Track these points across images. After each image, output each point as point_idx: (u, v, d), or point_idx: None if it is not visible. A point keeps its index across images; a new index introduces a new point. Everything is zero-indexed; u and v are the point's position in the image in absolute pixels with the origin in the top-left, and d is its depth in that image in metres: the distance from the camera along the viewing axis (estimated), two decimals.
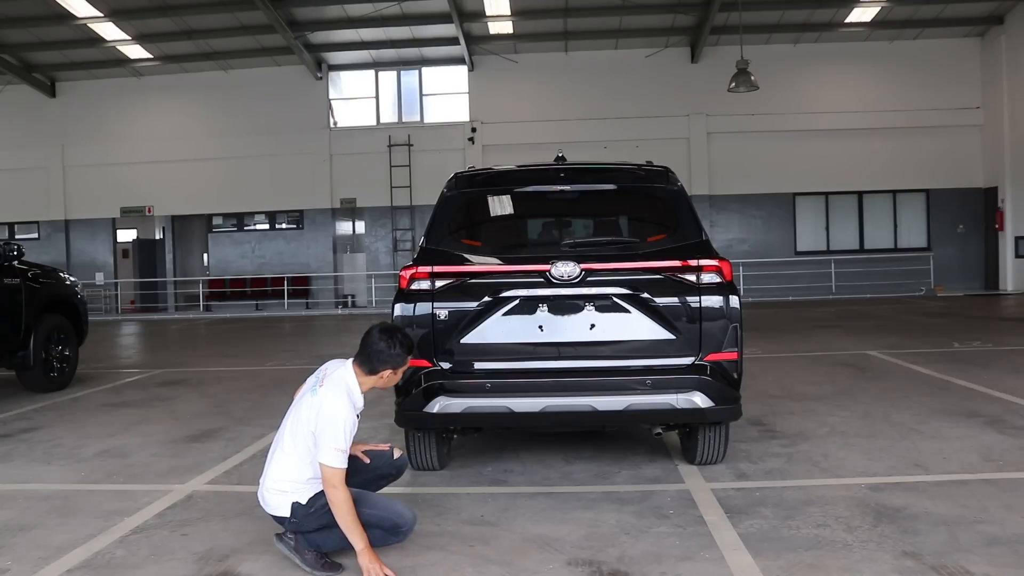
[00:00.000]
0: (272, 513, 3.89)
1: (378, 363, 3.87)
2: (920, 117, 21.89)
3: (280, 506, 3.83)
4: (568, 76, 22.45)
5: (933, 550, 3.79)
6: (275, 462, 3.89)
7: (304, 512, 3.79)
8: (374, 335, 3.90)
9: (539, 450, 5.78)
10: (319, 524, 3.79)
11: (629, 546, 3.97)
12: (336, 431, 3.69)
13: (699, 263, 4.84)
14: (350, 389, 3.84)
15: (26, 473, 5.72)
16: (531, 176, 5.59)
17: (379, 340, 3.88)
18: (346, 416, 3.74)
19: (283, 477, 3.83)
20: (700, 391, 4.72)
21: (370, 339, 3.90)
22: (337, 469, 3.68)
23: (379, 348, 3.87)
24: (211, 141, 23.10)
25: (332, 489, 3.68)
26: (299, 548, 3.80)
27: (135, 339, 17.23)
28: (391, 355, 3.87)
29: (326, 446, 3.69)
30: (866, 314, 16.39)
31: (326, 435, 3.70)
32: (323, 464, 3.69)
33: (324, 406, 3.75)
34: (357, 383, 3.88)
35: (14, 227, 24.32)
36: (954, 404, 7.04)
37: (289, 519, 3.82)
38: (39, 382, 8.99)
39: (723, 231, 22.13)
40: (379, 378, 3.90)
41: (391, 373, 3.92)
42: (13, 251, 8.78)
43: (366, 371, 3.89)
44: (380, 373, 3.89)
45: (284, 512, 3.82)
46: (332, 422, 3.71)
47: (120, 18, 20.28)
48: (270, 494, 3.87)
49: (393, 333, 3.93)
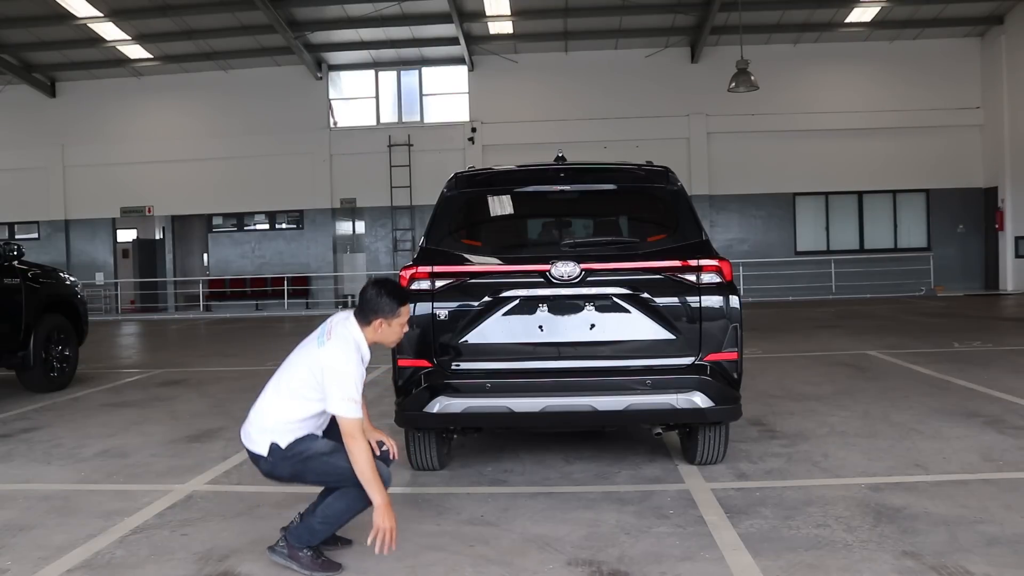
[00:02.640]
0: (250, 449, 3.85)
1: (370, 312, 3.87)
2: (920, 117, 21.89)
3: (260, 444, 3.80)
4: (568, 76, 22.45)
5: (933, 550, 3.79)
6: (264, 400, 3.87)
7: (281, 455, 3.76)
8: (367, 286, 3.94)
9: (539, 450, 5.78)
10: (291, 471, 3.78)
11: (629, 546, 3.97)
12: (347, 383, 3.69)
13: (699, 263, 4.85)
14: (358, 342, 3.85)
15: (26, 473, 5.72)
16: (531, 176, 5.60)
17: (369, 290, 3.91)
18: (353, 368, 3.75)
19: (269, 415, 3.81)
20: (700, 391, 4.72)
21: (363, 291, 3.94)
22: (354, 419, 3.67)
23: (368, 297, 3.89)
24: (211, 141, 23.09)
25: (351, 440, 3.65)
26: (293, 554, 3.77)
27: (135, 339, 17.23)
28: (380, 304, 3.86)
29: (339, 398, 3.68)
30: (866, 314, 16.39)
31: (338, 388, 3.69)
32: (339, 416, 3.68)
33: (333, 360, 3.75)
34: (363, 336, 3.89)
35: (14, 227, 24.31)
36: (954, 404, 7.04)
37: (265, 458, 3.79)
38: (39, 382, 8.99)
39: (723, 231, 22.13)
40: (375, 330, 3.88)
41: (384, 323, 3.88)
42: (13, 251, 8.78)
43: (363, 322, 3.89)
44: (373, 323, 3.87)
45: (262, 450, 3.79)
46: (343, 375, 3.71)
47: (120, 18, 20.27)
48: (253, 429, 3.84)
49: (383, 283, 3.94)
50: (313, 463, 3.75)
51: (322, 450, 3.76)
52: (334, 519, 3.78)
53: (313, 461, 3.75)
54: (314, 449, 3.76)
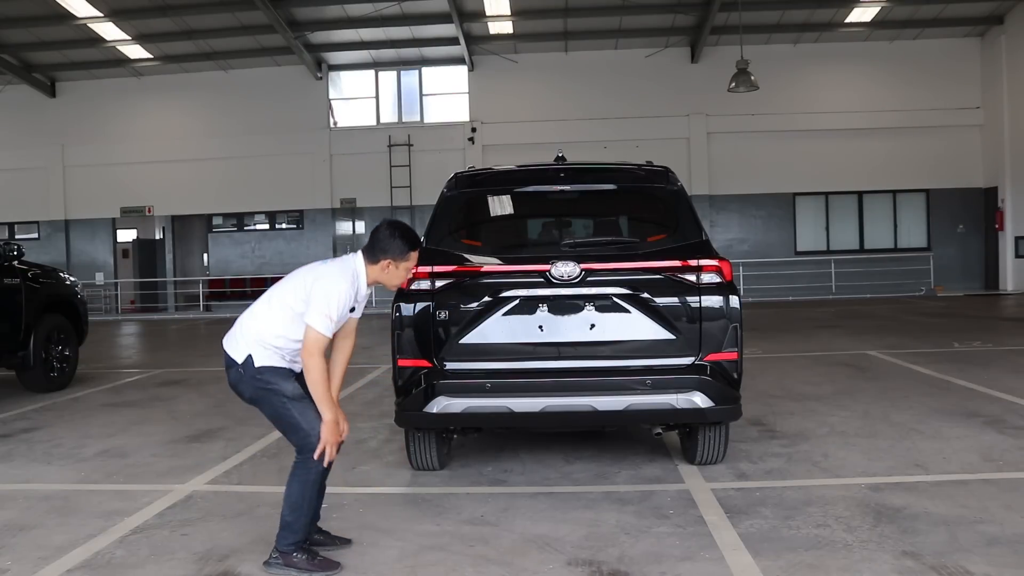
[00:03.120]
0: (227, 352, 3.87)
1: (379, 251, 3.87)
2: (920, 117, 21.88)
3: (238, 351, 3.82)
4: (568, 76, 22.44)
5: (933, 550, 3.79)
6: (253, 310, 3.89)
7: (251, 372, 3.77)
8: (380, 226, 3.94)
9: (539, 450, 5.78)
10: (252, 394, 3.81)
11: (629, 546, 3.97)
12: (330, 300, 3.71)
13: (699, 263, 4.85)
14: (356, 272, 3.87)
15: (26, 473, 5.72)
16: (531, 176, 5.60)
17: (383, 229, 3.91)
18: (344, 289, 3.75)
19: (253, 325, 3.82)
20: (700, 391, 4.72)
21: (376, 230, 3.94)
22: (320, 335, 3.67)
23: (380, 237, 3.89)
24: (211, 141, 23.08)
25: (309, 357, 3.67)
26: (288, 561, 3.75)
27: (135, 339, 17.23)
28: (391, 244, 3.86)
29: (316, 310, 3.69)
30: (866, 314, 16.39)
31: (319, 301, 3.70)
32: (308, 325, 3.68)
33: (326, 275, 3.78)
34: (364, 271, 3.90)
35: (14, 227, 24.29)
36: (954, 404, 7.04)
37: (236, 367, 3.81)
38: (39, 382, 8.99)
39: (723, 231, 22.12)
40: (382, 269, 3.88)
41: (391, 264, 3.88)
42: (13, 251, 8.78)
43: (370, 260, 3.90)
44: (381, 263, 3.88)
45: (237, 357, 3.81)
46: (329, 291, 3.72)
47: (120, 18, 20.26)
48: (236, 334, 3.86)
49: (397, 224, 3.95)
50: (273, 398, 3.77)
51: (286, 392, 3.77)
52: (297, 502, 3.76)
53: (274, 396, 3.77)
54: (280, 387, 3.77)
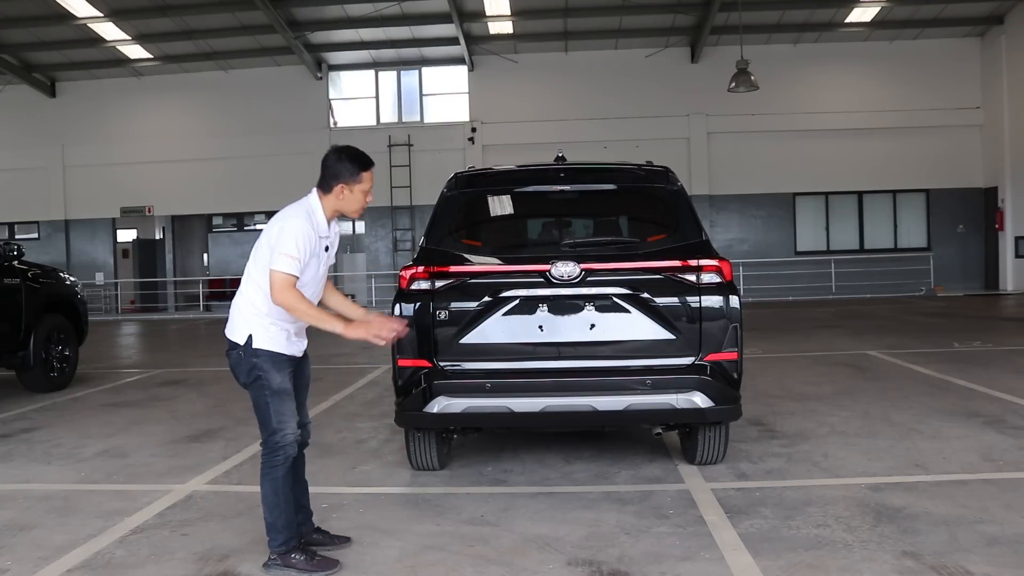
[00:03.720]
0: (229, 337, 3.85)
1: (331, 178, 3.83)
2: (920, 117, 21.88)
3: (238, 332, 3.80)
4: (568, 76, 22.43)
5: (933, 550, 3.79)
6: (241, 290, 3.86)
7: (249, 353, 3.74)
8: (328, 153, 3.89)
9: (539, 450, 5.78)
10: (246, 378, 3.79)
11: (629, 546, 3.97)
12: (287, 238, 3.67)
13: (699, 263, 4.85)
14: (311, 209, 3.82)
15: (26, 473, 5.72)
16: (531, 176, 5.60)
17: (330, 155, 3.87)
18: (300, 225, 3.71)
19: (247, 305, 3.80)
20: (700, 391, 4.72)
21: (325, 157, 3.89)
22: (283, 274, 3.64)
23: (328, 163, 3.85)
24: (211, 141, 23.08)
25: (280, 296, 3.63)
26: (286, 562, 3.75)
27: (135, 339, 17.23)
28: (340, 168, 3.81)
29: (277, 252, 3.66)
30: (866, 314, 16.39)
31: (278, 243, 3.67)
32: (272, 270, 3.65)
33: (281, 218, 3.77)
34: (320, 205, 3.85)
35: (14, 227, 24.30)
36: (954, 404, 7.04)
37: (237, 348, 3.79)
38: (39, 382, 8.99)
39: (723, 231, 22.12)
40: (336, 197, 3.84)
41: (345, 189, 3.82)
42: (13, 251, 8.78)
43: (323, 190, 3.86)
44: (334, 190, 3.83)
45: (239, 339, 3.79)
46: (284, 230, 3.69)
47: (120, 18, 20.26)
48: (235, 317, 3.84)
49: (343, 148, 3.89)
50: (258, 386, 3.76)
51: (272, 383, 3.75)
52: (272, 500, 3.76)
53: (260, 384, 3.76)
54: (269, 377, 3.75)
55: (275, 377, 3.77)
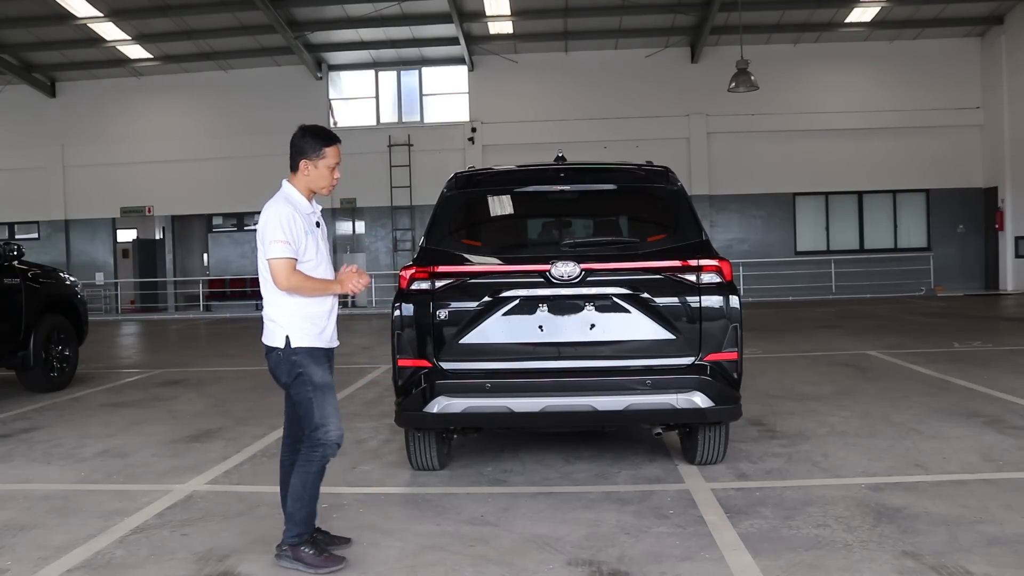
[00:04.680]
0: (267, 344, 3.88)
1: (295, 155, 3.88)
2: (920, 117, 21.88)
3: (275, 337, 3.84)
4: (568, 76, 22.44)
5: (933, 550, 3.79)
6: (263, 293, 3.91)
7: (288, 352, 3.79)
8: (294, 134, 3.92)
9: (539, 450, 5.78)
10: (287, 378, 3.82)
11: (629, 546, 3.97)
12: (271, 226, 3.75)
13: (699, 263, 4.85)
14: (287, 193, 3.89)
15: (26, 473, 5.72)
16: (531, 176, 5.60)
17: (295, 134, 3.91)
18: (281, 209, 3.79)
19: (275, 309, 3.84)
20: (700, 391, 4.72)
21: (291, 139, 3.91)
22: (280, 260, 3.72)
23: (293, 141, 3.89)
24: (211, 141, 23.08)
25: (285, 283, 3.72)
26: (296, 554, 3.77)
27: (135, 339, 17.23)
28: (303, 144, 3.86)
29: (267, 243, 3.74)
30: (866, 314, 16.39)
31: (265, 235, 3.76)
32: (268, 260, 3.74)
33: (263, 212, 3.84)
34: (292, 187, 3.90)
35: (14, 227, 24.30)
36: (954, 404, 7.04)
37: (275, 351, 3.82)
38: (39, 382, 8.99)
39: (723, 231, 22.12)
40: (303, 174, 3.88)
41: (310, 165, 3.86)
42: (13, 251, 8.78)
43: (292, 171, 3.91)
44: (300, 168, 3.87)
45: (277, 343, 3.83)
46: (269, 218, 3.78)
47: (120, 18, 20.26)
48: (268, 324, 3.88)
49: (308, 127, 3.94)
50: (300, 383, 3.81)
51: (314, 378, 3.81)
52: (299, 493, 3.80)
53: (302, 382, 3.80)
54: (310, 372, 3.80)
55: (316, 371, 3.82)
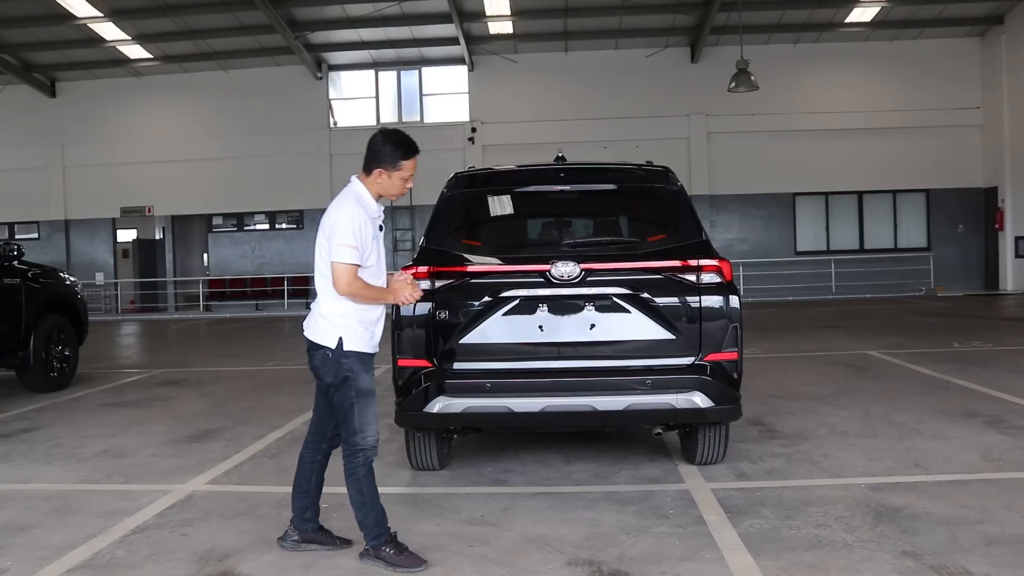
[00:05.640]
0: (311, 339, 3.83)
1: (371, 160, 3.81)
2: (920, 117, 21.87)
3: (326, 335, 3.78)
4: (568, 76, 22.43)
5: (933, 550, 3.79)
6: (318, 290, 3.84)
7: (338, 354, 3.75)
8: (375, 134, 3.86)
9: (539, 450, 5.78)
10: (332, 379, 3.78)
11: (629, 546, 3.97)
12: (343, 227, 3.68)
13: (699, 263, 4.85)
14: (358, 195, 3.81)
15: (26, 473, 5.72)
16: (531, 176, 5.60)
17: (376, 137, 3.84)
18: (353, 212, 3.71)
19: (330, 307, 3.78)
20: (700, 391, 4.72)
21: (371, 138, 3.86)
22: (344, 265, 3.66)
23: (372, 145, 3.82)
24: (211, 141, 23.08)
25: (345, 287, 3.67)
26: (378, 553, 3.77)
27: (135, 339, 17.23)
28: (381, 151, 3.79)
29: (335, 244, 3.67)
30: (866, 314, 16.39)
31: (335, 235, 3.69)
32: (334, 263, 3.68)
33: (333, 211, 3.76)
34: (364, 188, 3.84)
35: (14, 227, 24.29)
36: (954, 404, 7.04)
37: (325, 350, 3.77)
38: (39, 382, 8.99)
39: (723, 231, 22.11)
40: (375, 180, 3.82)
41: (384, 174, 3.80)
42: (13, 251, 8.79)
43: (364, 172, 3.84)
44: (373, 173, 3.81)
45: (327, 342, 3.77)
46: (340, 220, 3.70)
47: (120, 18, 20.26)
48: (319, 319, 3.81)
49: (390, 132, 3.86)
50: (346, 387, 3.77)
51: (361, 385, 3.78)
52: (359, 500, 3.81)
53: (348, 386, 3.77)
54: (358, 379, 3.77)
55: (364, 378, 3.80)
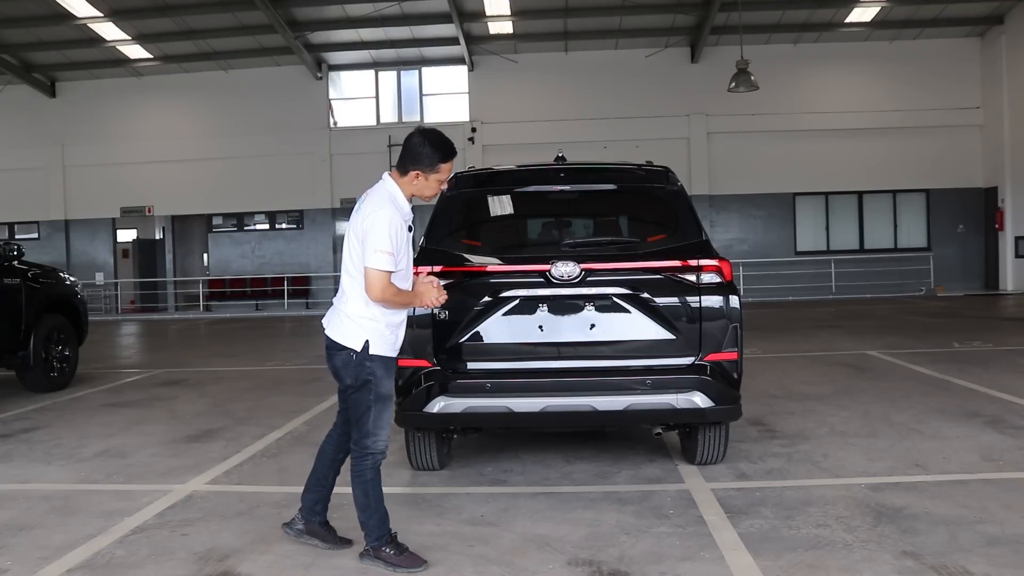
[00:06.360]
0: (334, 338, 3.75)
1: (408, 161, 3.73)
2: (920, 117, 21.88)
3: (352, 337, 3.71)
4: (568, 76, 22.44)
5: (933, 550, 3.79)
6: (344, 290, 3.77)
7: (363, 357, 3.68)
8: (413, 133, 3.78)
9: (539, 450, 5.78)
10: (353, 380, 3.72)
11: (629, 546, 3.97)
12: (380, 232, 3.60)
13: (699, 263, 4.85)
14: (393, 195, 3.74)
15: (26, 473, 5.72)
16: (531, 176, 5.60)
17: (414, 137, 3.75)
18: (389, 215, 3.64)
19: (356, 308, 3.70)
20: (700, 391, 4.72)
21: (409, 137, 3.78)
22: (379, 271, 3.59)
23: (411, 145, 3.73)
24: (211, 141, 23.09)
25: (378, 294, 3.59)
26: (378, 554, 3.77)
27: (135, 339, 17.23)
28: (420, 153, 3.70)
29: (370, 249, 3.60)
30: (866, 314, 16.39)
31: (371, 239, 3.61)
32: (367, 268, 3.60)
33: (369, 212, 3.66)
34: (398, 188, 3.77)
35: (14, 227, 24.30)
36: (954, 404, 7.04)
37: (348, 351, 3.70)
38: (39, 382, 8.99)
39: (723, 231, 22.12)
40: (410, 181, 3.74)
41: (420, 176, 3.73)
42: (13, 251, 8.79)
43: (399, 171, 3.76)
44: (410, 174, 3.73)
45: (352, 344, 3.70)
46: (378, 223, 3.62)
47: (120, 18, 20.26)
48: (343, 318, 3.74)
49: (428, 132, 3.76)
50: (366, 391, 3.72)
51: (381, 390, 3.74)
52: (363, 502, 3.79)
53: (368, 390, 3.72)
54: (379, 384, 3.73)
55: (386, 383, 3.78)
